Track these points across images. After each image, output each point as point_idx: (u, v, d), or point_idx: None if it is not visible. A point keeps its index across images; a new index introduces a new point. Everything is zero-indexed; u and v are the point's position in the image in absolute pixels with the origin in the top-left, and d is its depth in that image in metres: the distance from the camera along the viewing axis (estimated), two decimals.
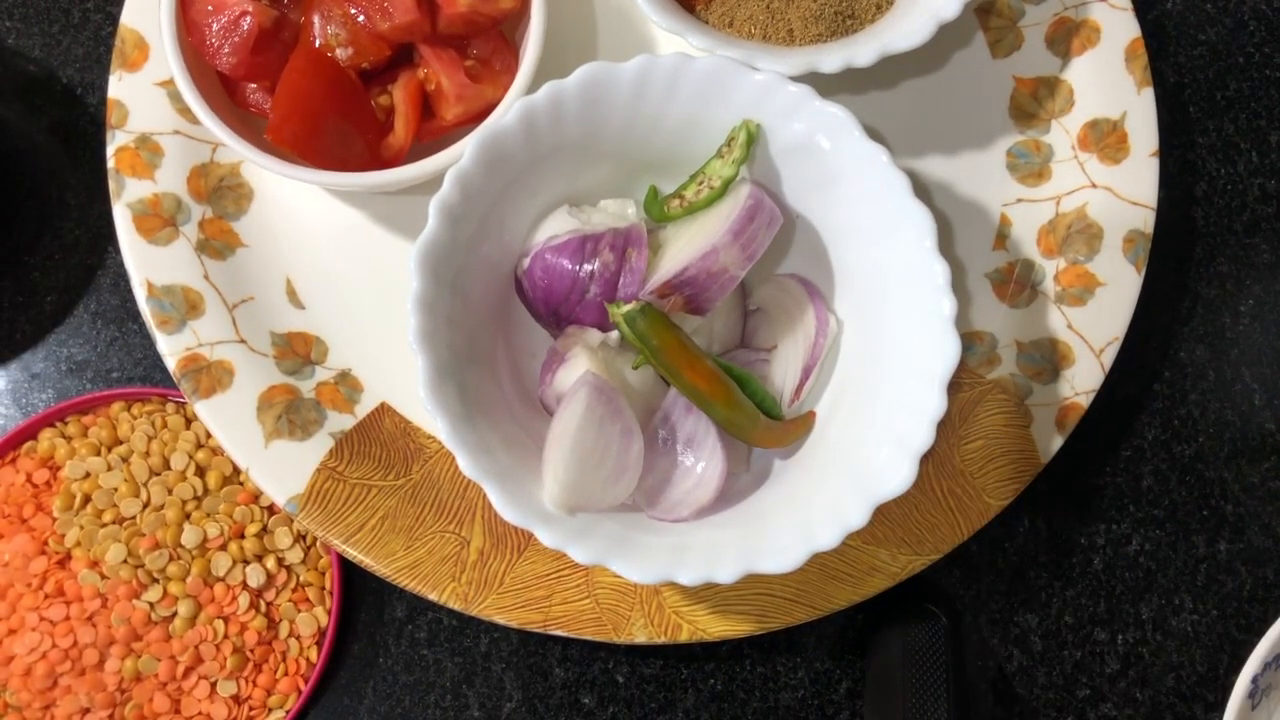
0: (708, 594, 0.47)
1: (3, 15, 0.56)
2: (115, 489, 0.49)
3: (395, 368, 0.49)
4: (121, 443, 0.50)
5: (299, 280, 0.50)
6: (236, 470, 0.50)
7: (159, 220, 0.49)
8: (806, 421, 0.45)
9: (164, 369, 0.53)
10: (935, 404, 0.40)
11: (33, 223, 0.54)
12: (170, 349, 0.48)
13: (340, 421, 0.48)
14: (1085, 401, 0.49)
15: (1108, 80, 0.51)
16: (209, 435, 0.50)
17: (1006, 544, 0.52)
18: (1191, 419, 0.53)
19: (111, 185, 0.49)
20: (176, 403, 0.51)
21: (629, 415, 0.42)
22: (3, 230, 0.54)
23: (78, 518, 0.48)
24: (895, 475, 0.40)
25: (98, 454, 0.49)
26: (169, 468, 0.49)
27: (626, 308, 0.41)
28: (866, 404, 0.43)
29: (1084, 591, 0.52)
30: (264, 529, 0.49)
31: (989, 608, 0.52)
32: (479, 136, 0.42)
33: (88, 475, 0.49)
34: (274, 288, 0.50)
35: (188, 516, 0.49)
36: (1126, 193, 0.50)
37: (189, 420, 0.50)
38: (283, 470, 0.47)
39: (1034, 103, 0.52)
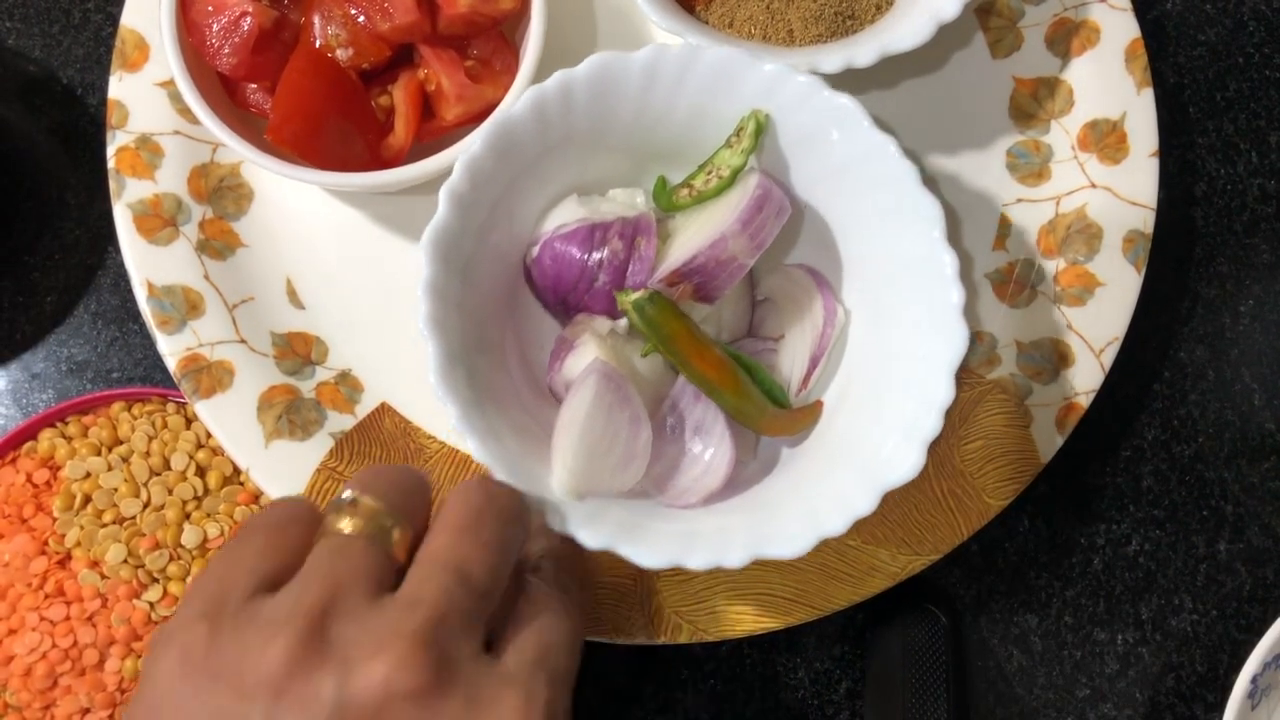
0: (707, 594, 0.47)
1: (3, 15, 0.56)
2: (115, 489, 0.49)
3: (395, 368, 0.49)
4: (122, 443, 0.50)
5: (299, 280, 0.50)
6: (237, 470, 0.50)
7: (159, 220, 0.49)
8: (814, 410, 0.45)
9: (164, 369, 0.53)
10: (944, 392, 0.40)
11: (33, 223, 0.54)
12: (171, 349, 0.48)
13: (340, 421, 0.48)
14: (1085, 401, 0.49)
15: (1107, 80, 0.51)
16: (209, 435, 0.50)
17: (1006, 544, 0.52)
18: (1191, 419, 0.53)
19: (112, 185, 0.49)
20: (177, 403, 0.51)
21: (638, 402, 0.42)
22: (3, 230, 0.54)
23: (78, 518, 0.48)
24: (903, 462, 0.40)
25: (98, 454, 0.49)
26: (169, 468, 0.49)
27: (635, 295, 0.42)
28: (874, 393, 0.43)
29: (1084, 591, 0.52)
30: None
31: (989, 608, 0.52)
32: (490, 125, 0.42)
33: (88, 475, 0.49)
34: (274, 288, 0.50)
35: (188, 517, 0.49)
36: (1126, 193, 0.50)
37: (189, 420, 0.50)
38: (283, 470, 0.47)
39: (1034, 103, 0.52)
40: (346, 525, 0.34)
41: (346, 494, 0.35)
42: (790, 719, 0.51)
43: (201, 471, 0.49)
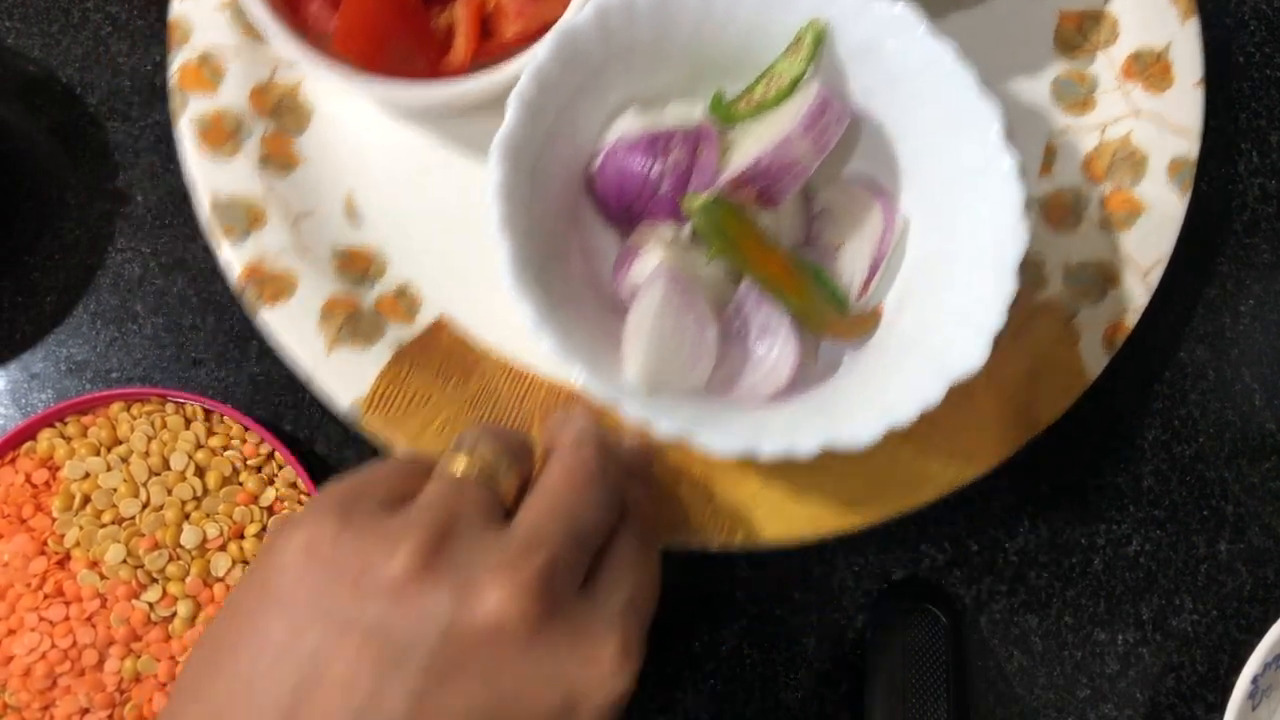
0: (763, 496, 0.48)
1: (2, 15, 0.56)
2: (115, 489, 0.49)
3: (453, 282, 0.50)
4: (121, 443, 0.50)
5: (358, 196, 0.51)
6: (236, 470, 0.50)
7: (222, 134, 0.50)
8: (875, 315, 0.46)
9: (164, 369, 0.53)
10: (1007, 286, 0.41)
11: (33, 223, 0.54)
12: (235, 258, 0.49)
13: (400, 332, 0.50)
14: (1132, 321, 0.50)
15: (1151, 12, 0.52)
16: (209, 435, 0.50)
17: (1006, 544, 0.52)
18: (1191, 419, 0.53)
19: (174, 103, 0.50)
20: (176, 403, 0.51)
21: (704, 304, 0.44)
22: (3, 230, 0.54)
23: (77, 518, 0.48)
24: (969, 353, 0.41)
25: (97, 454, 0.49)
26: (168, 468, 0.49)
27: (701, 199, 0.43)
28: (935, 294, 0.44)
29: (1084, 592, 0.52)
30: (264, 529, 0.49)
31: (989, 608, 0.52)
32: (555, 33, 0.44)
33: (87, 475, 0.49)
34: (334, 204, 0.51)
35: (187, 517, 0.49)
36: (1171, 121, 0.51)
37: (188, 420, 0.50)
38: (345, 377, 0.49)
39: (1078, 35, 0.53)
40: (460, 468, 0.37)
41: (462, 443, 0.37)
42: (790, 719, 0.51)
43: (201, 472, 0.49)
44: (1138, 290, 0.50)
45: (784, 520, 0.47)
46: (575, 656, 0.34)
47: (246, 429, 0.50)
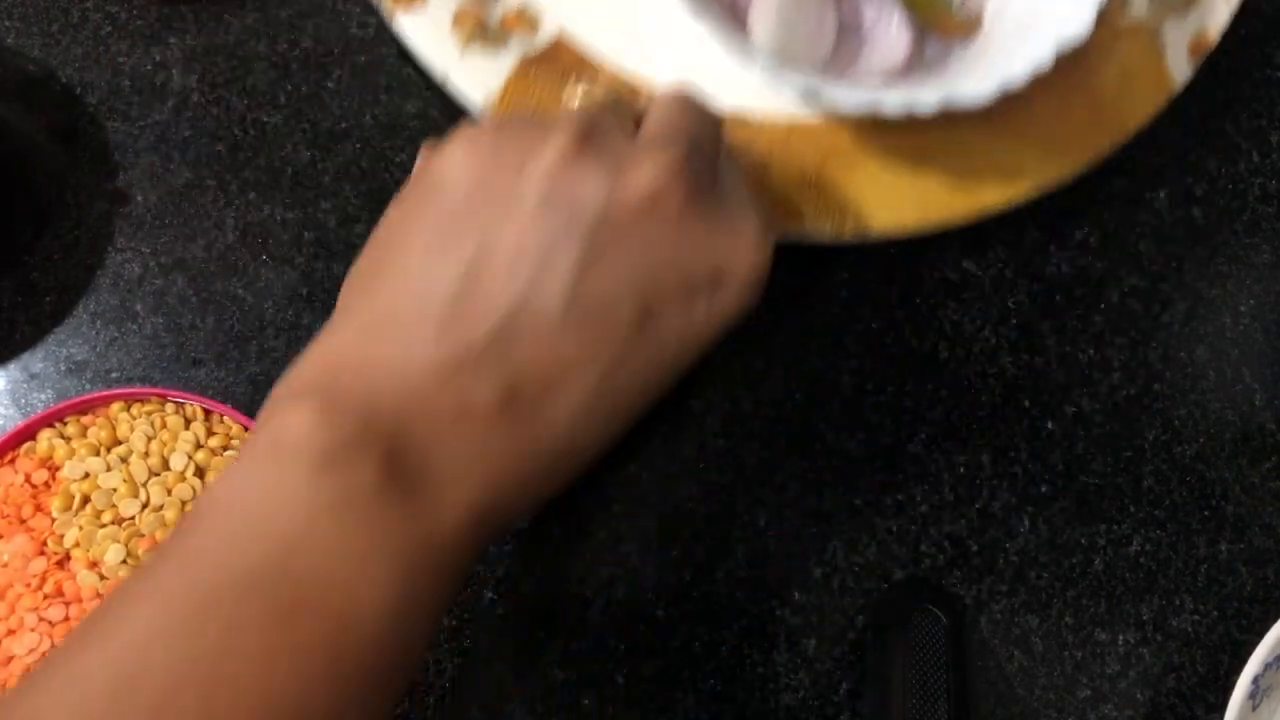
0: (872, 181, 0.50)
1: (2, 15, 0.56)
2: (114, 489, 0.49)
3: (573, 5, 0.54)
4: (121, 443, 0.50)
5: None
6: None
7: None
8: (977, 19, 0.49)
9: (164, 369, 0.53)
10: None
11: (33, 223, 0.54)
12: None
13: (524, 44, 0.52)
14: (1214, 34, 0.52)
15: None
16: (209, 435, 0.50)
17: (1007, 544, 0.52)
18: (1192, 419, 0.53)
19: None
20: (176, 403, 0.51)
21: None
22: (3, 230, 0.54)
23: (77, 518, 0.48)
24: (1077, 22, 0.44)
25: (97, 454, 0.49)
26: (168, 468, 0.49)
27: None
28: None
29: (1084, 592, 0.52)
30: None
31: (989, 608, 0.52)
32: None
33: (87, 475, 0.49)
34: None
35: None
36: None
37: (188, 420, 0.50)
38: (477, 78, 0.52)
39: None
40: (580, 99, 0.43)
41: (579, 83, 0.44)
42: (790, 719, 0.51)
43: (200, 472, 0.49)
44: (1220, 6, 0.53)
45: (893, 206, 0.50)
46: (720, 231, 0.38)
47: (246, 429, 0.50)
